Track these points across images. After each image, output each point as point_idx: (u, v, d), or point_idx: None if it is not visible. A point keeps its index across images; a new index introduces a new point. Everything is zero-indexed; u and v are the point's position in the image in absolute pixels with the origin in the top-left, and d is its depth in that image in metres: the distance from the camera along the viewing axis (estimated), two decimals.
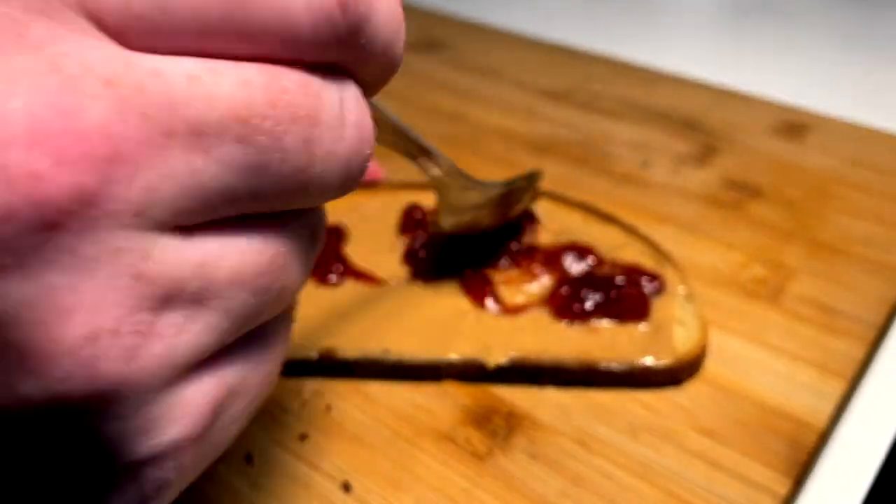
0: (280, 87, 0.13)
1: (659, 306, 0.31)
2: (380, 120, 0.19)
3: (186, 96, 0.12)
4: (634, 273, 0.31)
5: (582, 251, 0.33)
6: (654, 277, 0.31)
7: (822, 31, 0.61)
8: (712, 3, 0.68)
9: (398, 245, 0.34)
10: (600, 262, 0.32)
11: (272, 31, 0.13)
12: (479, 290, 0.31)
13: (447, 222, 0.28)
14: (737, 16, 0.65)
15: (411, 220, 0.35)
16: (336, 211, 0.36)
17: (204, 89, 0.12)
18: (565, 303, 0.30)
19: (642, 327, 0.30)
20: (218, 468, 0.26)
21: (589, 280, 0.31)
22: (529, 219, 0.35)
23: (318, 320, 0.31)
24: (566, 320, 0.30)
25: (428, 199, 0.37)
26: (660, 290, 0.31)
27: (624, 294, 0.30)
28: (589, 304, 0.30)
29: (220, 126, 0.12)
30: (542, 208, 0.36)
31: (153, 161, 0.11)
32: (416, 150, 0.24)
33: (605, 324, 0.30)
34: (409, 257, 0.32)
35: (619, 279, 0.31)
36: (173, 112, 0.12)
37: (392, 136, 0.22)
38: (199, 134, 0.12)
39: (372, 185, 0.39)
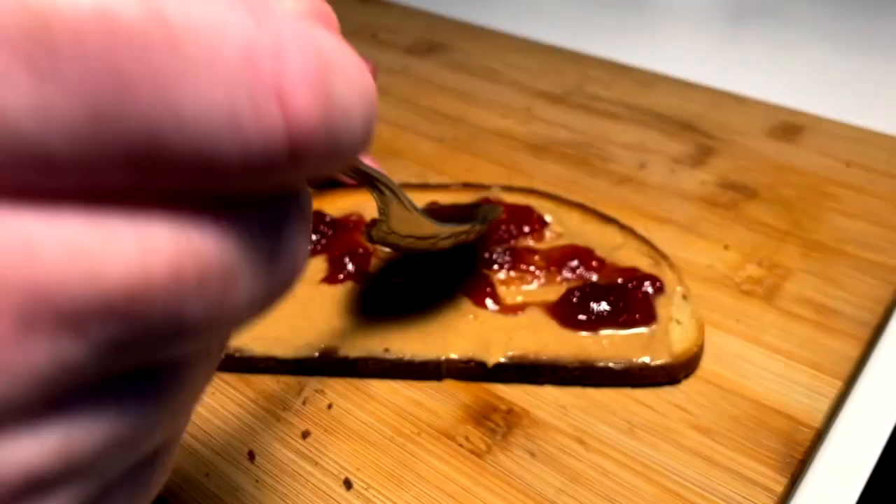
0: (190, 250, 0.10)
1: (656, 306, 0.31)
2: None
3: (62, 279, 0.09)
4: (637, 279, 0.32)
5: (580, 252, 0.33)
6: (654, 281, 0.32)
7: (816, 34, 0.62)
8: (709, 7, 0.68)
9: None
10: (597, 264, 0.33)
11: (187, 167, 0.10)
12: (479, 290, 0.32)
13: (378, 234, 0.27)
14: (733, 19, 0.65)
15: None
16: (337, 211, 0.37)
17: (88, 266, 0.09)
18: (571, 314, 0.30)
19: (650, 326, 0.30)
20: (220, 465, 0.27)
21: (594, 291, 0.31)
22: (536, 220, 0.35)
23: (319, 319, 0.31)
24: (573, 329, 0.30)
25: (425, 199, 0.37)
26: (659, 292, 0.31)
27: (631, 304, 0.30)
28: (595, 316, 0.30)
29: (103, 309, 0.09)
30: (541, 209, 0.36)
31: None
32: (366, 179, 0.24)
33: (611, 332, 0.30)
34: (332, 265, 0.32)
35: (624, 288, 0.31)
36: (39, 301, 0.09)
37: (358, 166, 0.22)
38: (72, 322, 0.09)
39: None
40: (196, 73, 0.09)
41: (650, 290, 0.31)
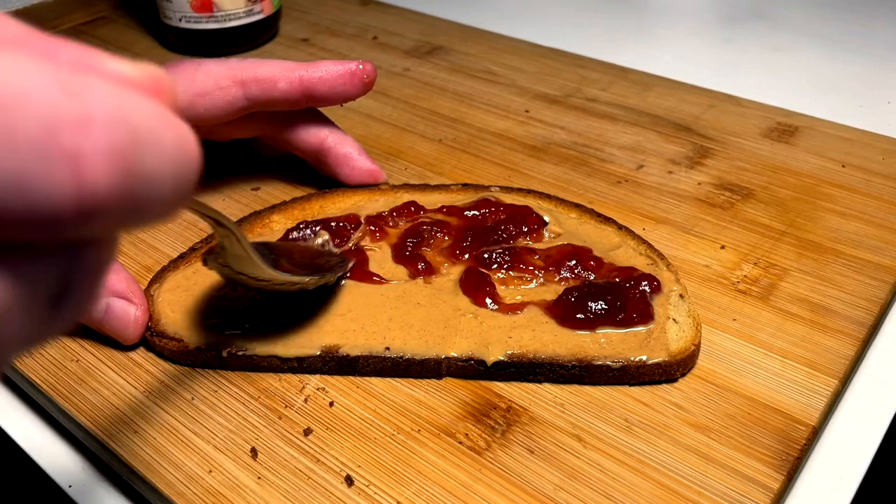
0: None
1: (654, 306, 0.31)
2: None
3: None
4: (634, 278, 0.32)
5: (578, 252, 0.33)
6: (652, 281, 0.32)
7: (812, 36, 0.62)
8: (705, 9, 0.68)
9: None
10: (597, 263, 0.33)
11: (20, 220, 0.11)
12: (478, 290, 0.32)
13: (213, 265, 0.27)
14: (729, 21, 0.66)
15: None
16: (337, 211, 0.37)
17: None
18: (569, 313, 0.31)
19: (648, 325, 0.30)
20: (223, 462, 0.27)
21: (591, 290, 0.31)
22: (534, 220, 0.35)
23: (321, 318, 0.31)
24: (571, 328, 0.30)
25: (425, 199, 0.37)
26: (656, 291, 0.32)
27: (629, 303, 0.31)
28: (593, 315, 0.30)
29: None
30: (539, 209, 0.36)
31: None
32: (206, 217, 0.25)
33: (609, 331, 0.30)
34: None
35: (621, 287, 0.31)
36: None
37: (193, 206, 0.23)
38: None
39: (373, 185, 0.40)
40: None
41: (647, 289, 0.32)
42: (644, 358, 0.29)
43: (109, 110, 0.11)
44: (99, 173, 0.11)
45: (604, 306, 0.30)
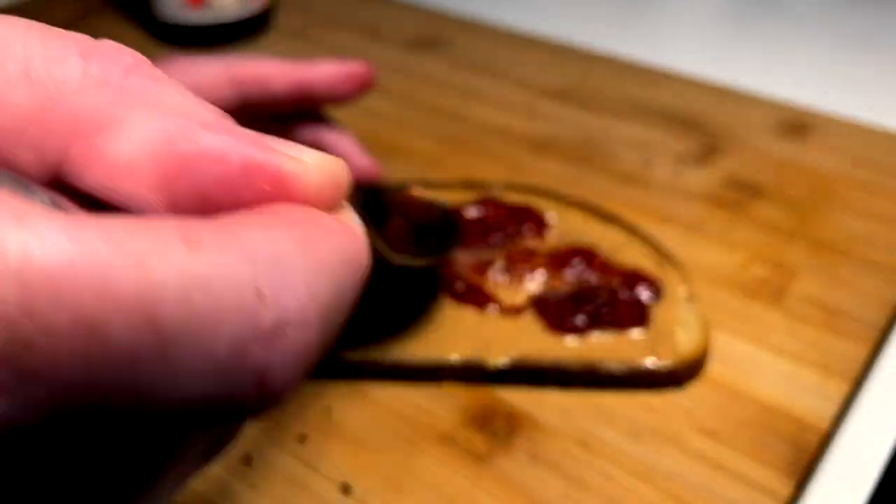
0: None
1: (660, 308, 0.31)
2: None
3: None
4: (631, 280, 0.31)
5: (583, 253, 0.33)
6: (651, 283, 0.31)
7: (824, 30, 0.61)
8: (715, 2, 0.67)
9: None
10: (601, 264, 0.32)
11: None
12: (479, 292, 0.31)
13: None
14: (739, 14, 0.65)
15: None
16: None
17: None
18: (557, 318, 0.30)
19: (643, 329, 0.30)
20: (216, 470, 0.26)
21: (579, 294, 0.31)
22: (537, 219, 0.35)
23: None
24: (559, 333, 0.30)
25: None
26: (657, 295, 0.31)
27: (617, 304, 0.30)
28: (580, 320, 0.30)
29: None
30: (542, 208, 0.36)
31: None
32: None
33: (599, 335, 0.30)
34: None
35: (611, 291, 0.31)
36: None
37: None
38: None
39: (371, 183, 0.39)
40: (178, 372, 0.09)
41: (645, 294, 0.31)
42: (651, 362, 0.28)
43: (303, 303, 0.10)
44: (288, 380, 0.10)
45: (592, 313, 0.30)
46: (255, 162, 0.11)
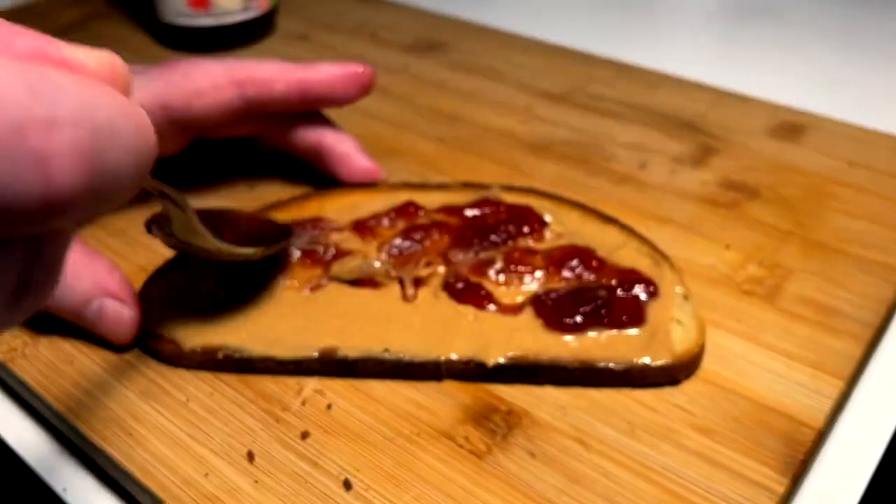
0: None
1: (657, 307, 0.31)
2: None
3: None
4: (628, 280, 0.31)
5: (580, 252, 0.33)
6: (648, 282, 0.31)
7: (819, 32, 0.62)
8: (710, 5, 0.68)
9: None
10: (598, 264, 0.33)
11: None
12: (478, 291, 0.31)
13: (157, 233, 0.28)
14: (735, 17, 0.65)
15: None
16: (337, 211, 0.37)
17: None
18: (555, 316, 0.30)
19: (640, 327, 0.30)
20: (219, 466, 0.27)
21: (576, 293, 0.31)
22: (535, 220, 0.35)
23: (318, 320, 0.31)
24: (557, 331, 0.30)
25: (425, 199, 0.37)
26: (654, 294, 0.31)
27: (615, 303, 0.30)
28: (578, 318, 0.30)
29: None
30: (541, 209, 0.36)
31: None
32: (157, 193, 0.25)
33: (596, 333, 0.30)
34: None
35: (608, 290, 0.31)
36: None
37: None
38: None
39: (372, 184, 0.39)
40: None
41: (642, 292, 0.31)
42: (647, 360, 0.29)
43: (74, 110, 0.12)
44: (65, 173, 0.12)
45: (590, 312, 0.30)
46: (45, 52, 0.14)
